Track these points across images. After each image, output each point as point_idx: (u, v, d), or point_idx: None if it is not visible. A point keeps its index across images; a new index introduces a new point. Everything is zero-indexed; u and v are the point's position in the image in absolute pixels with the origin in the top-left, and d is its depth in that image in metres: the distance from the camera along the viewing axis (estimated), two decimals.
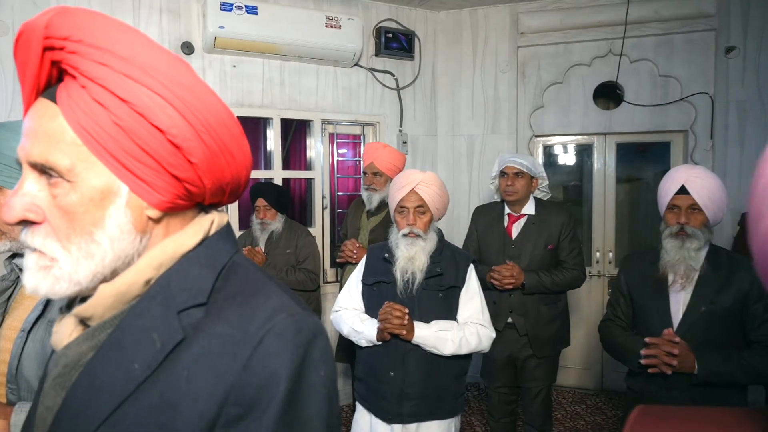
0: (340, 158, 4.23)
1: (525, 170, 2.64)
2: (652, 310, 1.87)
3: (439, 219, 2.09)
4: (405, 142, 4.18)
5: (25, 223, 0.60)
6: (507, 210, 2.74)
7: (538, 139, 4.31)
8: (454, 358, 1.94)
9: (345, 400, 3.74)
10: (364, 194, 3.06)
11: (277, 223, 3.17)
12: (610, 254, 4.15)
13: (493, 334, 2.00)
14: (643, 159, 4.52)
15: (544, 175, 2.75)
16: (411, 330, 1.88)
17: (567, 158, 4.54)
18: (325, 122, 3.96)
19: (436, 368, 1.93)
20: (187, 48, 3.44)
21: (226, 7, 3.35)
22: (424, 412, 1.94)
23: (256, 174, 3.82)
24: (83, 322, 0.65)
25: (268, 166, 3.88)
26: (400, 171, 2.96)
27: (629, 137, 4.12)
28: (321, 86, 3.91)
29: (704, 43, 3.79)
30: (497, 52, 4.26)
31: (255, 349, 0.58)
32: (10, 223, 0.59)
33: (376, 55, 4.08)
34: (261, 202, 3.13)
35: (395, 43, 4.09)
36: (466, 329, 1.94)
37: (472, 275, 2.02)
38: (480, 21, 4.28)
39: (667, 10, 3.82)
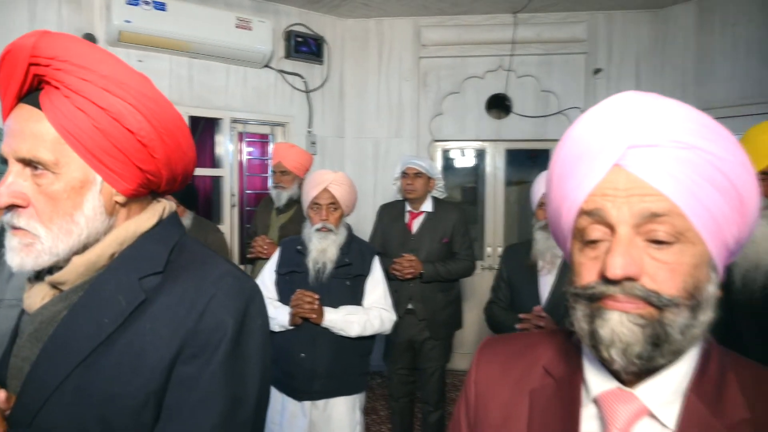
0: (249, 157, 4.30)
1: (423, 171, 2.93)
2: (525, 292, 2.21)
3: (349, 215, 2.30)
4: (314, 143, 4.34)
5: (11, 207, 0.72)
6: (408, 207, 3.02)
7: (438, 143, 4.67)
8: (360, 339, 2.16)
9: None
10: (273, 192, 3.19)
11: (186, 219, 3.20)
12: (500, 249, 4.60)
13: (395, 317, 2.25)
14: (533, 163, 5.04)
15: (440, 176, 3.06)
16: (320, 314, 2.07)
17: (463, 162, 4.96)
18: (234, 121, 4.02)
19: (344, 349, 2.14)
20: (89, 39, 3.36)
21: (133, 2, 3.32)
22: (331, 389, 2.13)
23: None
24: (55, 287, 0.77)
25: None
26: (307, 170, 3.15)
27: (516, 144, 4.61)
28: (231, 85, 3.97)
29: (577, 64, 4.35)
30: (401, 60, 4.56)
31: (208, 303, 0.74)
32: (2, 205, 0.71)
33: (286, 57, 4.21)
34: (170, 199, 3.15)
35: (305, 47, 4.24)
36: (370, 313, 2.16)
37: (376, 265, 2.26)
38: (386, 31, 4.55)
39: (547, 33, 4.34)
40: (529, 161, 4.99)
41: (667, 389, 0.60)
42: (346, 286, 2.17)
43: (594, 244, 0.59)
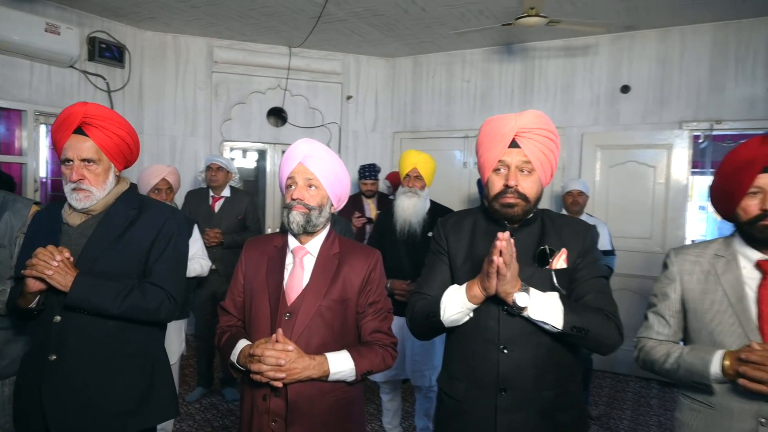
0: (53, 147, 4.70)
1: (224, 166, 4.01)
2: None
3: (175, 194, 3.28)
4: None
5: (78, 180, 1.68)
6: (212, 193, 4.06)
7: (227, 143, 5.69)
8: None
9: None
10: None
11: None
12: (278, 229, 5.85)
13: (210, 263, 3.30)
14: None
15: (236, 170, 4.17)
16: None
17: (248, 159, 6.07)
18: (38, 113, 4.43)
19: None
20: None
21: None
22: None
23: None
24: (86, 213, 1.74)
25: None
26: None
27: None
28: (35, 81, 4.38)
29: (335, 90, 5.87)
30: (196, 72, 5.45)
31: (165, 221, 1.81)
32: (74, 180, 1.66)
33: (90, 59, 4.75)
34: None
35: (108, 52, 4.83)
36: (192, 261, 3.19)
37: (195, 230, 3.28)
38: (182, 45, 5.39)
39: (314, 65, 5.74)
40: None
41: (315, 243, 1.81)
42: None
43: (289, 190, 1.83)
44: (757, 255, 1.42)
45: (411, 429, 3.54)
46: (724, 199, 1.47)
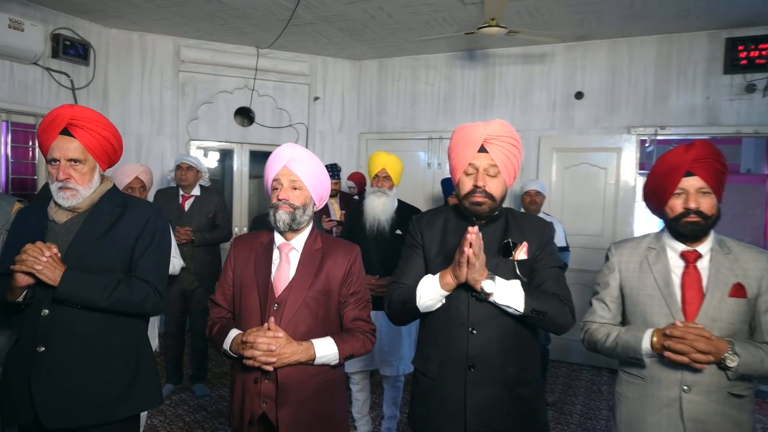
0: (14, 144, 4.60)
1: (194, 165, 4.05)
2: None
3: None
4: None
5: (64, 179, 1.75)
6: (182, 192, 4.10)
7: (194, 142, 5.70)
8: None
9: None
10: None
11: None
12: (245, 229, 5.90)
13: (181, 261, 3.37)
14: None
15: (206, 170, 4.22)
16: None
17: (210, 158, 6.09)
18: (0, 110, 4.35)
19: None
20: None
21: None
22: None
23: None
24: (72, 211, 1.81)
25: None
26: None
27: (258, 147, 5.96)
28: None
29: (302, 91, 5.96)
30: (162, 71, 5.44)
31: (148, 218, 1.89)
32: (61, 179, 1.73)
33: (54, 57, 4.68)
34: None
35: (72, 49, 4.78)
36: None
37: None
38: (148, 44, 5.37)
39: (281, 66, 5.82)
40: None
41: (300, 239, 1.96)
42: None
43: (275, 191, 1.96)
44: (681, 247, 1.66)
45: (378, 418, 3.69)
46: (655, 199, 1.69)
